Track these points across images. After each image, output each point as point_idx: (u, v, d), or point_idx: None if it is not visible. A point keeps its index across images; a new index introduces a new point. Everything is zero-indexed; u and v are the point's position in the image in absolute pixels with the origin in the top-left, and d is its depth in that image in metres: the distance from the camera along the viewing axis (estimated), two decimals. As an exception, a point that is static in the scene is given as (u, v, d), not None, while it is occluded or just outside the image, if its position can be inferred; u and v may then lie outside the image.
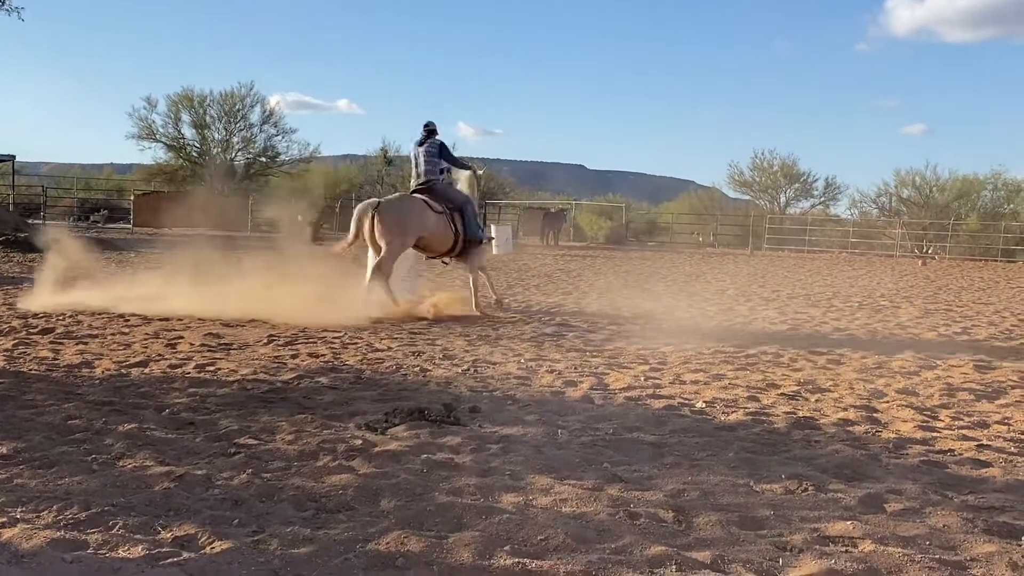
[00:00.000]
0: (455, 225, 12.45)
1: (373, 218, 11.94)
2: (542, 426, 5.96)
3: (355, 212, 12.34)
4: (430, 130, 12.68)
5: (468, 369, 8.08)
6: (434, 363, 8.32)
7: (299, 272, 13.01)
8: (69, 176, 52.97)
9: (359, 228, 12.17)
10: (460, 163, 13.55)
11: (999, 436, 6.17)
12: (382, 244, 11.91)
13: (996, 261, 37.49)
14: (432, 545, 3.76)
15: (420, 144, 12.67)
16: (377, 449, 5.29)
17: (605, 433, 5.85)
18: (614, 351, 9.37)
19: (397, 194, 13.79)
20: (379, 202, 12.26)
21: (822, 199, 54.85)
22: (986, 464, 5.41)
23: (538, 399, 6.93)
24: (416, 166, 12.82)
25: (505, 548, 3.77)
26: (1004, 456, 5.61)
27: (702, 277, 22.07)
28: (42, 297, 11.98)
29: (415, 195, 12.54)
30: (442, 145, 12.74)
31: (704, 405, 6.89)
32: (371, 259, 12.23)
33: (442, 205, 12.39)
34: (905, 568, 3.65)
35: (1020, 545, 3.99)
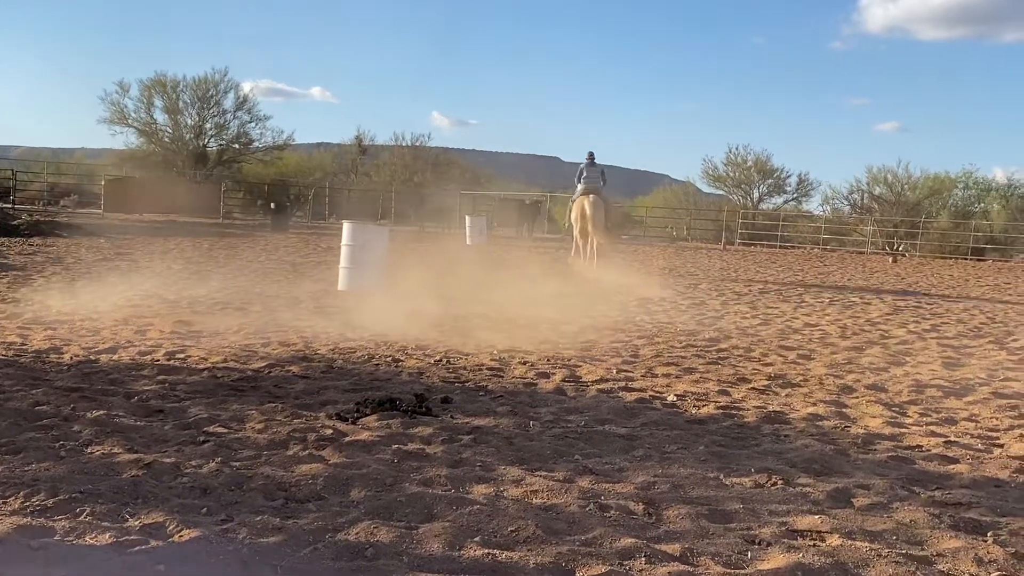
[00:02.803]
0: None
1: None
2: (514, 417, 5.96)
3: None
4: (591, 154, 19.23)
5: (440, 360, 8.07)
6: (406, 353, 8.30)
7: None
8: (39, 160, 52.35)
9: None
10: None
11: (966, 433, 6.23)
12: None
13: (966, 259, 37.80)
14: (402, 536, 3.75)
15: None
16: (348, 439, 5.28)
17: (577, 425, 5.86)
18: (587, 343, 9.38)
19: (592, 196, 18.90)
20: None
21: (795, 195, 55.08)
22: (953, 460, 5.46)
23: (510, 390, 6.93)
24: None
25: (475, 539, 3.77)
26: (971, 452, 5.67)
27: (675, 271, 22.14)
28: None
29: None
30: (603, 169, 19.31)
31: (675, 398, 6.91)
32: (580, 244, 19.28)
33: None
34: (872, 562, 3.68)
35: (986, 541, 4.03)
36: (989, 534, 4.12)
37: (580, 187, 18.99)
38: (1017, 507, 4.57)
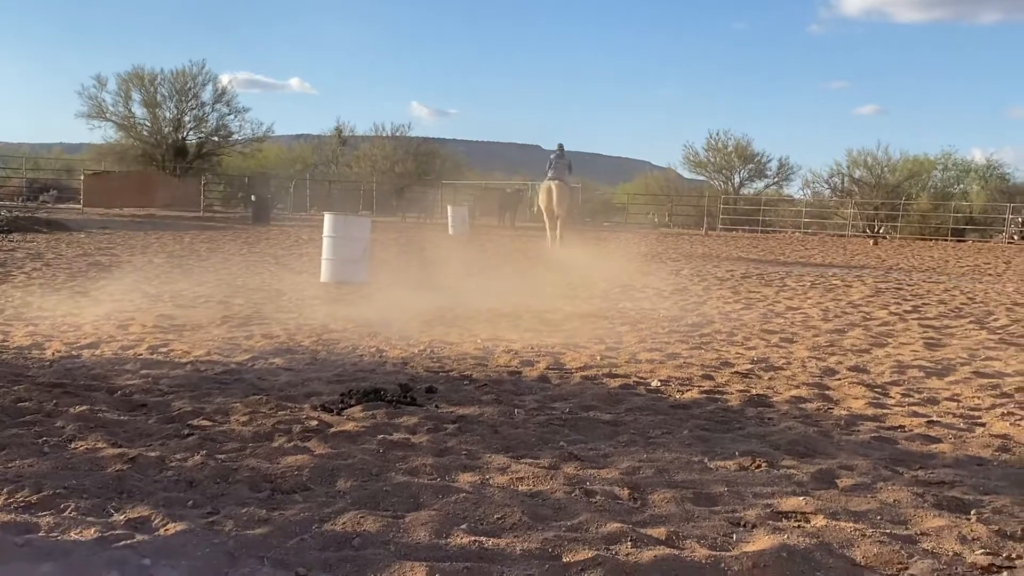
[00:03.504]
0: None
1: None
2: (499, 406, 5.96)
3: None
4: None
5: (424, 349, 8.07)
6: (390, 344, 8.30)
7: None
8: (17, 156, 51.96)
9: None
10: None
11: (948, 412, 6.27)
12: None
13: (946, 240, 38.03)
14: (388, 525, 3.75)
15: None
16: (333, 430, 5.27)
17: (561, 412, 5.87)
18: (571, 331, 9.40)
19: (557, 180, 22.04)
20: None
21: (775, 179, 55.28)
22: (936, 440, 5.50)
23: (495, 379, 6.93)
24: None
25: (462, 527, 3.77)
26: (953, 432, 5.71)
27: (657, 257, 22.19)
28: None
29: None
30: (569, 162, 22.46)
31: (659, 384, 6.93)
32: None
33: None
34: (856, 542, 3.70)
35: (969, 519, 4.06)
36: (972, 512, 4.16)
37: (549, 175, 22.31)
38: (999, 485, 4.61)
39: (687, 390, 6.73)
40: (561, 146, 22.38)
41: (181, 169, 48.13)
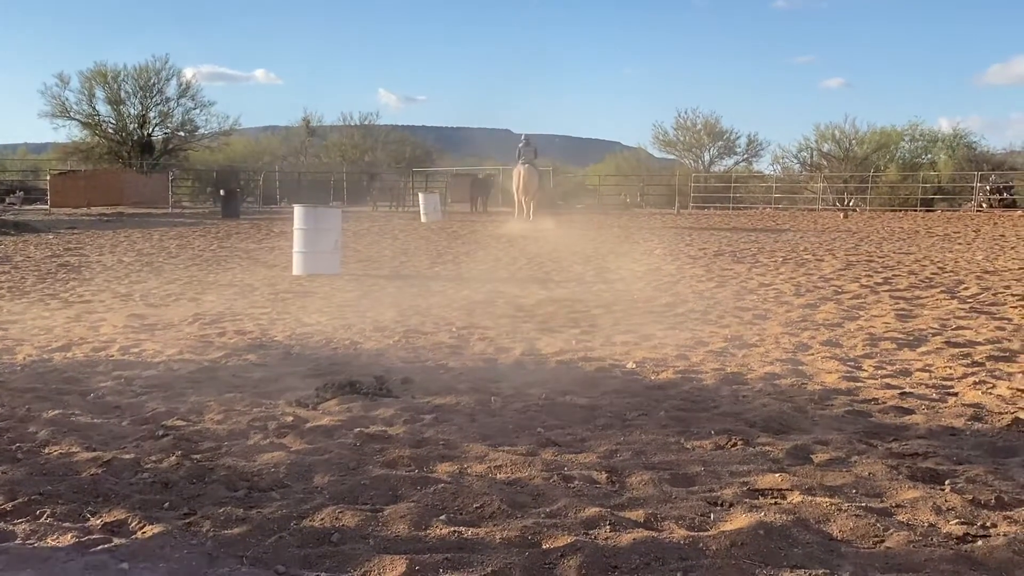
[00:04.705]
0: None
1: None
2: (475, 394, 5.96)
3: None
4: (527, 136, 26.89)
5: (399, 340, 8.05)
6: (365, 336, 8.27)
7: None
8: (-19, 158, 51.38)
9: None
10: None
11: (921, 383, 6.33)
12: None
13: (915, 211, 38.28)
14: (367, 519, 3.75)
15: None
16: (309, 425, 5.26)
17: (538, 398, 5.88)
18: (545, 315, 9.40)
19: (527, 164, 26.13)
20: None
21: (745, 156, 55.50)
22: (909, 411, 5.55)
23: (471, 367, 6.94)
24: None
25: (441, 517, 3.77)
26: (926, 403, 5.76)
27: (630, 238, 22.23)
28: None
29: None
30: (536, 148, 26.70)
31: (634, 366, 6.96)
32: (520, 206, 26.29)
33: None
34: (833, 517, 3.73)
35: (943, 489, 4.10)
36: (947, 483, 4.20)
37: (519, 161, 26.58)
38: (973, 454, 4.66)
39: (662, 371, 6.76)
40: (526, 136, 27.02)
41: (148, 166, 47.74)
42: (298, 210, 13.68)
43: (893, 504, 3.94)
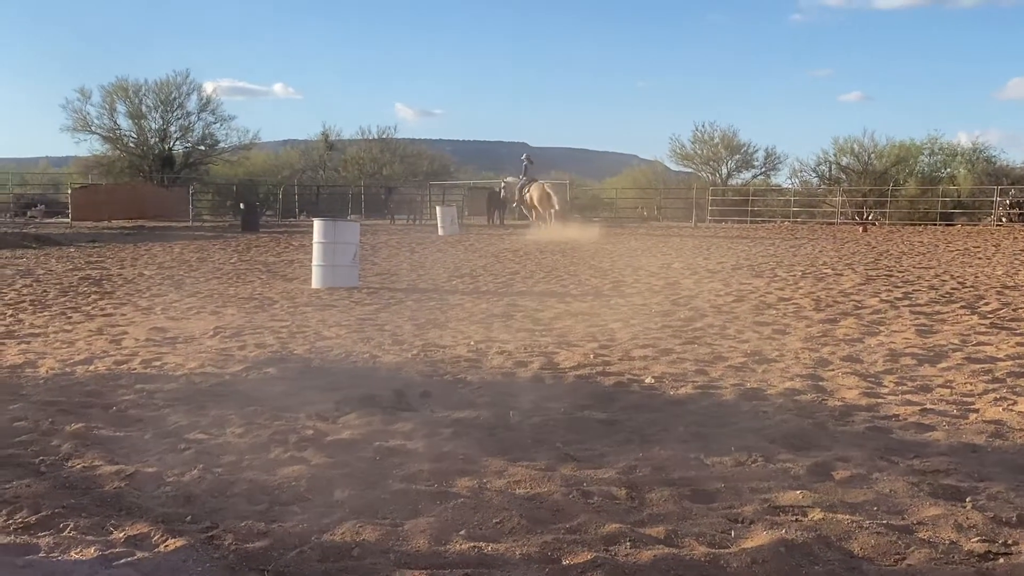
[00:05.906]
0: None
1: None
2: (494, 408, 5.97)
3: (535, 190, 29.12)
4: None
5: (418, 354, 8.07)
6: (383, 349, 8.30)
7: None
8: (4, 172, 51.73)
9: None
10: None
11: (942, 400, 6.30)
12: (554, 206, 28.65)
13: (935, 225, 38.08)
14: (387, 533, 3.76)
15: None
16: (329, 438, 5.28)
17: (556, 413, 5.88)
18: (563, 329, 9.41)
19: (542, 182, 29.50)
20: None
21: (763, 169, 55.31)
22: (930, 428, 5.53)
23: (489, 381, 6.95)
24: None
25: (461, 533, 3.78)
26: (947, 419, 5.74)
27: (648, 252, 22.21)
28: None
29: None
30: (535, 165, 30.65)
31: (653, 380, 6.95)
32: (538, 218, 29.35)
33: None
34: (854, 534, 3.73)
35: (965, 507, 4.08)
36: (968, 500, 4.18)
37: (526, 178, 30.93)
38: (994, 471, 4.64)
39: (681, 386, 6.75)
40: (528, 155, 32.31)
41: (169, 179, 48.05)
42: (318, 223, 13.74)
43: (914, 521, 3.93)
